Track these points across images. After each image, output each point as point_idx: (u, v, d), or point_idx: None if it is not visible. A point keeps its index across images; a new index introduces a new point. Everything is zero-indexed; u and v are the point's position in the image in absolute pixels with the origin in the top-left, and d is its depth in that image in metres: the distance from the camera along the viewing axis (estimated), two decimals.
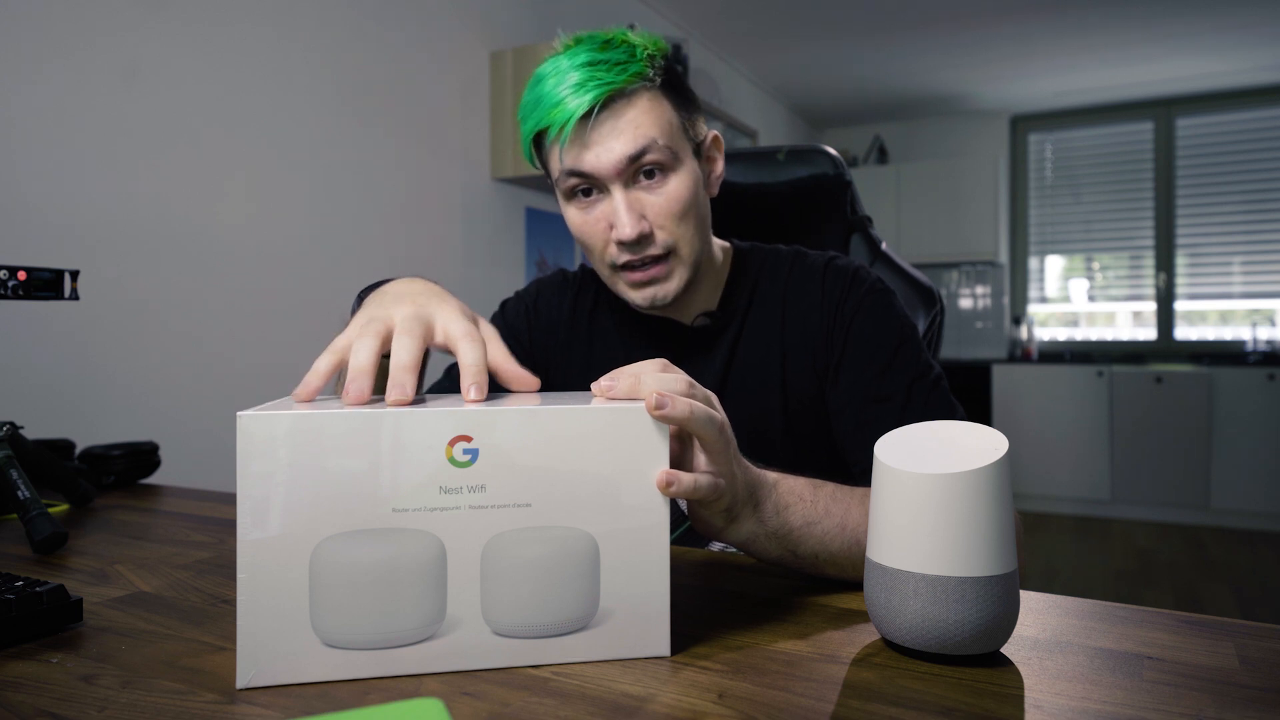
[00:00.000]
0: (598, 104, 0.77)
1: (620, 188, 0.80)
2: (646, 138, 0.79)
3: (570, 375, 0.96)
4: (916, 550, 0.50)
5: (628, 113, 0.79)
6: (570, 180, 0.82)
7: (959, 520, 0.49)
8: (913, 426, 0.57)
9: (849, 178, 1.15)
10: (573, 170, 0.80)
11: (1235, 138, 5.00)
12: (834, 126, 5.92)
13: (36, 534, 0.78)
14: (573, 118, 0.77)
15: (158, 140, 1.76)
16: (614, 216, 0.81)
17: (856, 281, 0.89)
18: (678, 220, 0.82)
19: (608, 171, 0.79)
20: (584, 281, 1.01)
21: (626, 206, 0.80)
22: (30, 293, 0.87)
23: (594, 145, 0.79)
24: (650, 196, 0.81)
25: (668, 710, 0.44)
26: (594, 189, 0.82)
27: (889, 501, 0.52)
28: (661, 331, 0.93)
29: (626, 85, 0.78)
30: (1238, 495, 4.37)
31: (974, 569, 0.49)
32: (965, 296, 5.57)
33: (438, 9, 2.56)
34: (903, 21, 3.93)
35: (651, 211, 0.81)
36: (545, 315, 0.99)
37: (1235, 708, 0.43)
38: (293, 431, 0.47)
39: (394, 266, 2.40)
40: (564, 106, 0.78)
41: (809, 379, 0.88)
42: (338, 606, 0.47)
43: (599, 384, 0.54)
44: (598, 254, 0.85)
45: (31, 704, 0.46)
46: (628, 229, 0.79)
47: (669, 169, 0.82)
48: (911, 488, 0.50)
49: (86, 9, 1.62)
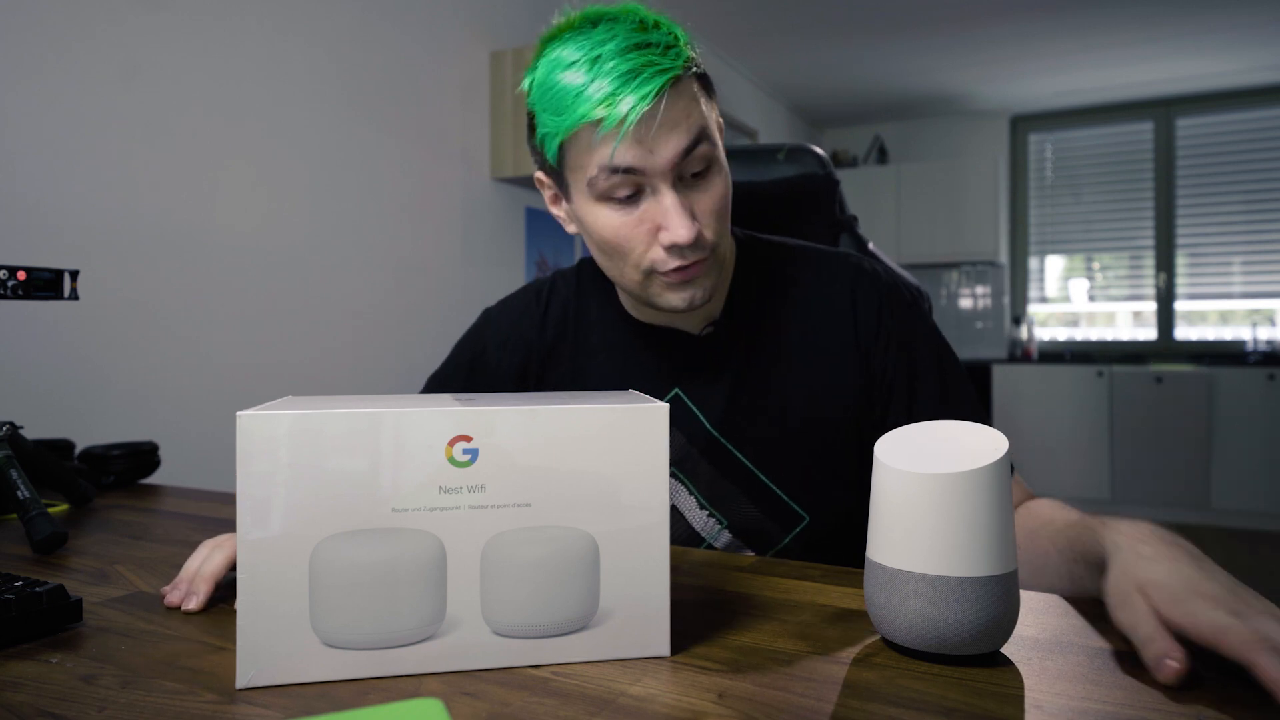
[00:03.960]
0: (665, 94, 0.69)
1: (670, 187, 0.72)
2: (699, 129, 0.72)
3: (565, 390, 0.90)
4: (916, 550, 0.50)
5: (679, 103, 0.71)
6: (611, 179, 0.71)
7: (959, 520, 0.49)
8: (912, 426, 0.56)
9: (837, 177, 1.15)
10: (624, 168, 0.70)
11: (1235, 138, 5.00)
12: (834, 126, 5.92)
13: (36, 534, 0.78)
14: (634, 112, 0.67)
15: (158, 140, 1.76)
16: (664, 218, 0.72)
17: (893, 294, 0.85)
18: (721, 219, 0.76)
19: (663, 167, 0.71)
20: (560, 290, 0.93)
21: (682, 207, 0.72)
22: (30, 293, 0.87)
23: (647, 140, 0.70)
24: (698, 194, 0.74)
25: (668, 710, 0.44)
26: (637, 189, 0.73)
27: (889, 501, 0.52)
28: (666, 342, 0.87)
29: (683, 71, 0.71)
30: (1238, 495, 4.37)
31: (974, 569, 0.49)
32: (965, 296, 5.57)
33: (438, 9, 2.56)
34: (903, 21, 3.93)
35: (700, 209, 0.74)
36: (524, 336, 0.93)
37: (1235, 708, 0.43)
38: (293, 431, 0.47)
39: (394, 266, 2.40)
40: (619, 98, 0.68)
41: (833, 388, 0.83)
42: (338, 606, 0.47)
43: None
44: (634, 259, 0.75)
45: (31, 704, 0.46)
46: (684, 231, 0.71)
47: (714, 163, 0.75)
48: (912, 488, 0.50)
49: (86, 9, 1.62)
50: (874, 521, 0.53)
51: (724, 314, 0.86)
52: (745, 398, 0.84)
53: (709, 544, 0.85)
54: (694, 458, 0.85)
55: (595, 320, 0.91)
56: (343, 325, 2.23)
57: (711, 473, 0.84)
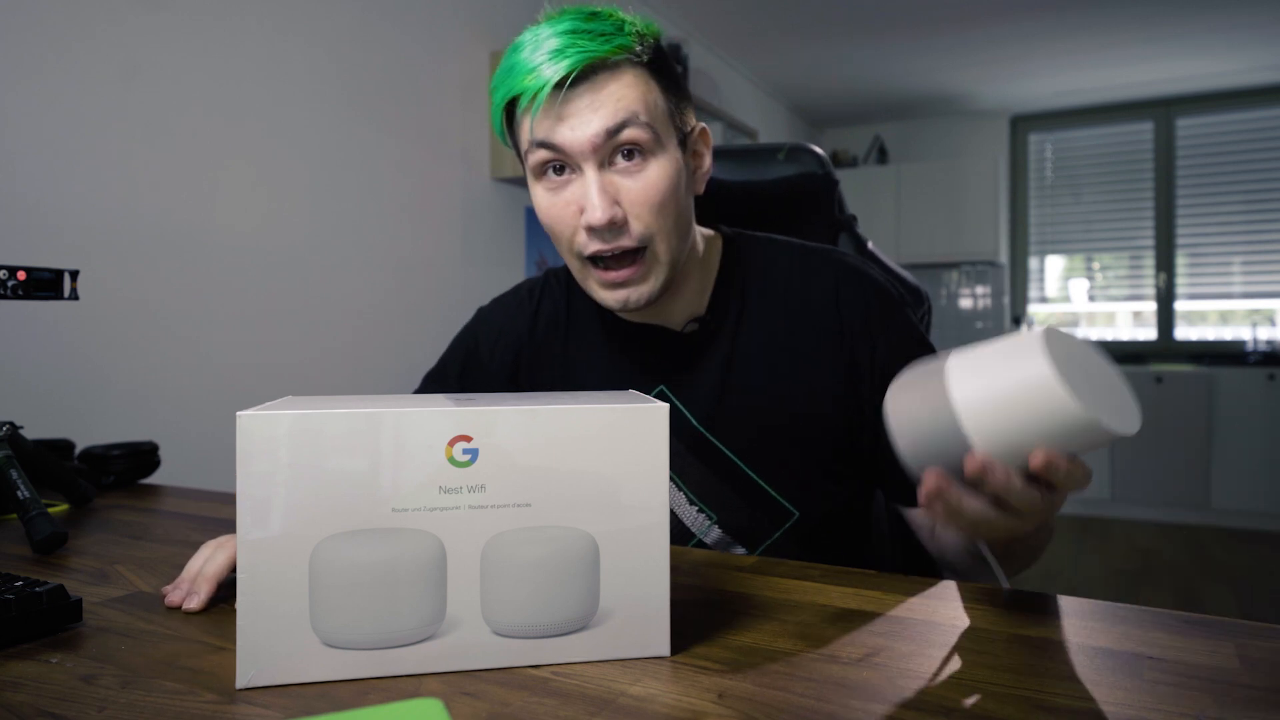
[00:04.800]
0: (575, 71, 0.71)
1: (594, 167, 0.73)
2: (627, 111, 0.72)
3: (553, 387, 0.91)
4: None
5: (609, 85, 0.73)
6: (539, 153, 0.74)
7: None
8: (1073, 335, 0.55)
9: (836, 177, 1.15)
10: (543, 142, 0.73)
11: (1235, 138, 5.00)
12: (834, 126, 5.92)
13: (36, 534, 0.78)
14: (547, 85, 0.71)
15: (158, 140, 1.76)
16: (584, 199, 0.74)
17: (878, 291, 0.85)
18: (655, 211, 0.75)
19: (582, 146, 0.72)
20: (551, 288, 0.95)
21: (599, 188, 0.73)
22: (30, 293, 0.87)
23: (569, 117, 0.72)
24: (626, 181, 0.74)
25: (668, 710, 0.44)
26: (566, 167, 0.75)
27: (1026, 405, 0.49)
28: (649, 339, 0.87)
29: (610, 56, 0.72)
30: (1238, 495, 4.37)
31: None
32: (965, 296, 5.57)
33: (438, 9, 2.56)
34: (903, 21, 3.93)
35: (627, 197, 0.74)
36: (515, 334, 0.94)
37: (1235, 708, 0.43)
38: (293, 431, 0.47)
39: (394, 266, 2.40)
40: (539, 73, 0.71)
41: (818, 384, 0.84)
42: (337, 606, 0.47)
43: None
44: (566, 242, 0.77)
45: (31, 704, 0.46)
46: (598, 212, 0.72)
47: (649, 153, 0.74)
48: (1070, 420, 0.48)
49: (86, 9, 1.62)
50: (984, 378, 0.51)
51: (708, 311, 0.86)
52: (731, 394, 0.84)
53: (699, 540, 0.85)
54: (682, 454, 0.85)
55: (583, 318, 0.91)
56: (343, 325, 2.22)
57: (700, 469, 0.85)
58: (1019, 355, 0.50)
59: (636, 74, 0.75)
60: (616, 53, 0.73)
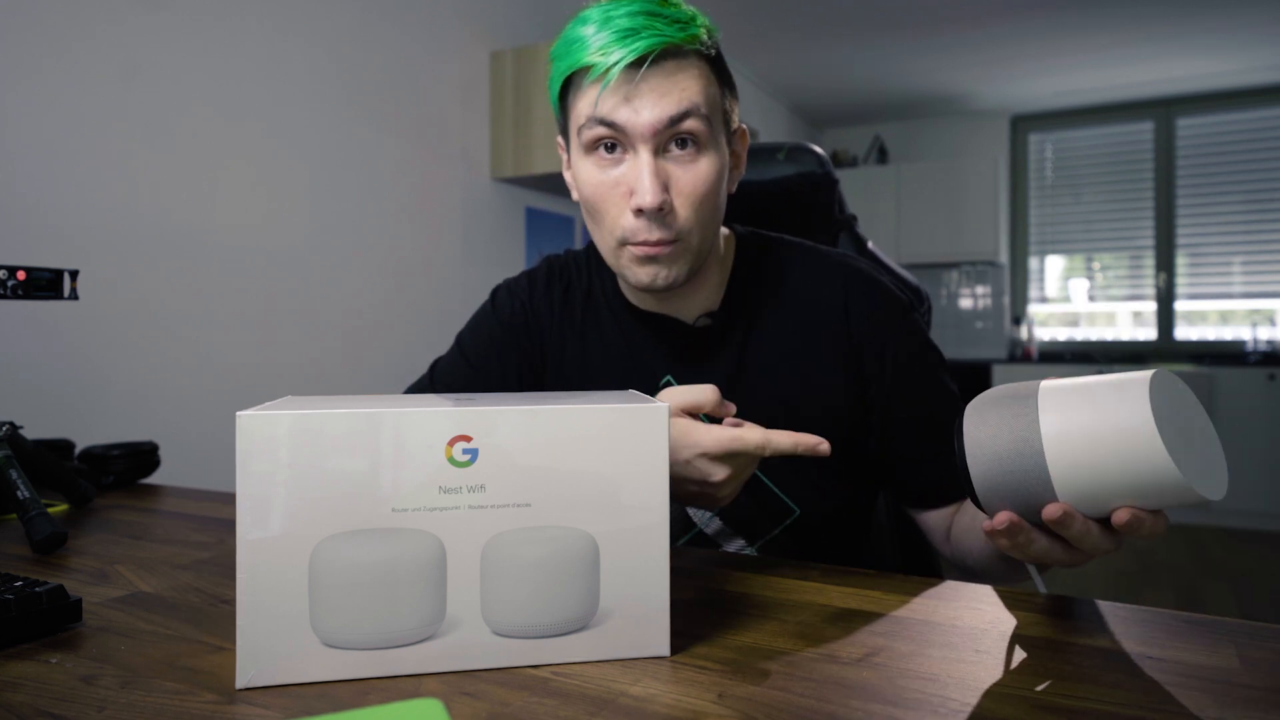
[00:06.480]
0: (652, 54, 0.72)
1: (650, 151, 0.74)
2: (690, 102, 0.73)
3: (565, 372, 0.92)
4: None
5: (678, 74, 0.73)
6: (596, 129, 0.75)
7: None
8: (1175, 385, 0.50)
9: (836, 176, 1.15)
10: (605, 120, 0.74)
11: (1235, 138, 5.00)
12: (834, 126, 5.93)
13: (36, 534, 0.78)
14: (621, 63, 0.71)
15: (157, 140, 1.76)
16: (636, 181, 0.74)
17: (887, 298, 0.86)
18: (699, 202, 0.76)
19: (643, 130, 0.73)
20: (570, 273, 0.95)
21: (652, 172, 0.73)
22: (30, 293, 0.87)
23: (635, 99, 0.73)
24: (678, 170, 0.75)
25: (667, 710, 0.44)
26: (618, 146, 0.75)
27: (1120, 447, 0.46)
28: (661, 329, 0.88)
29: (684, 44, 0.73)
30: (1238, 495, 4.37)
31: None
32: (965, 296, 5.57)
33: (438, 9, 2.56)
34: (903, 21, 3.93)
35: (676, 186, 0.75)
36: (538, 310, 0.94)
37: (1235, 708, 0.43)
38: (293, 431, 0.47)
39: (394, 266, 2.40)
40: (612, 49, 0.71)
41: (824, 386, 0.85)
42: (337, 606, 0.47)
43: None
44: (608, 223, 0.78)
45: (31, 704, 0.46)
46: (650, 195, 0.73)
47: (703, 145, 0.76)
48: (1165, 481, 0.46)
49: (86, 9, 1.62)
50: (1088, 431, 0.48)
51: (721, 307, 0.87)
52: (737, 390, 0.85)
53: (700, 529, 0.86)
54: None
55: (599, 301, 0.93)
56: (343, 325, 2.23)
57: None
58: (1121, 403, 0.47)
59: (702, 67, 0.76)
60: (689, 42, 0.74)
